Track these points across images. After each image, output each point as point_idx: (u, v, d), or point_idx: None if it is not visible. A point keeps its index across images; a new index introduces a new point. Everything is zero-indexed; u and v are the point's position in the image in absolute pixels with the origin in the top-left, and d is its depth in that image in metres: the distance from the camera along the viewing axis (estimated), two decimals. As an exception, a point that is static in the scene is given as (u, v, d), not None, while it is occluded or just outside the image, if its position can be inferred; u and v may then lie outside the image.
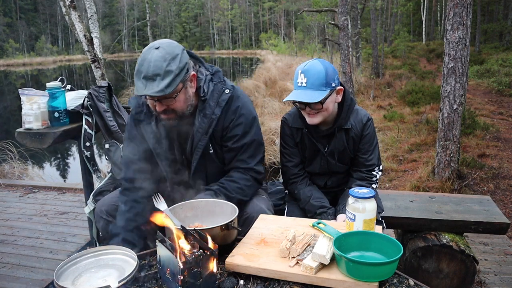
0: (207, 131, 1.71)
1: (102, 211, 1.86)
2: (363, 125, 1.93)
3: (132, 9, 71.00)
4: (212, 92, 1.71)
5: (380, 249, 1.23)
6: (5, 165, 5.70)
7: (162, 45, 1.55)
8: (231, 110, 1.74)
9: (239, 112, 1.74)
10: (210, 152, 1.77)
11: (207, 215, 1.55)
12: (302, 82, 1.76)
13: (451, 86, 4.39)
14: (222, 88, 1.73)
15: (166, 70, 1.50)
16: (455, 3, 4.23)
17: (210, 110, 1.70)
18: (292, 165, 2.03)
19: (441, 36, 29.20)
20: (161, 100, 1.58)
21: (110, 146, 2.42)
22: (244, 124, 1.75)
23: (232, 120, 1.74)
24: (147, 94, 1.52)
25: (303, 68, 1.78)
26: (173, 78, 1.52)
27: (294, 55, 25.77)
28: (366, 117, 1.94)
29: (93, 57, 4.03)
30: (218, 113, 1.71)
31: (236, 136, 1.75)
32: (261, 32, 62.37)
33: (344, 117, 1.89)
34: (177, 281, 1.10)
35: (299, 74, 1.78)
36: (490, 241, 3.11)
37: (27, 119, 2.26)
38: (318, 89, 1.74)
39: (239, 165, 1.78)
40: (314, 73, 1.75)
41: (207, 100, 1.70)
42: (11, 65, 46.16)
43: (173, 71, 1.52)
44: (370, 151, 1.96)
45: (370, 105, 10.58)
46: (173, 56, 1.53)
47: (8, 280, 2.63)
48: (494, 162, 5.42)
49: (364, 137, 1.94)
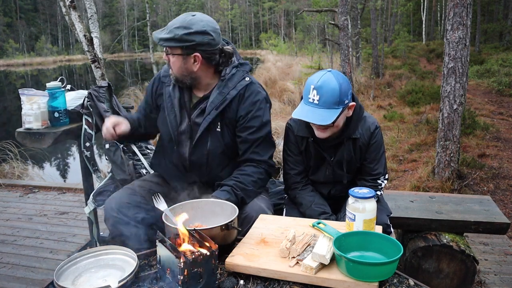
0: (219, 107, 1.79)
1: (113, 208, 1.82)
2: (370, 134, 1.88)
3: (132, 9, 71.00)
4: (232, 75, 1.82)
5: (380, 249, 1.23)
6: (5, 165, 5.70)
7: (197, 17, 1.71)
8: (251, 101, 1.81)
9: (259, 106, 1.82)
10: (217, 130, 1.82)
11: (207, 215, 1.55)
12: (314, 99, 1.66)
13: (451, 86, 4.39)
14: (243, 75, 1.83)
15: (172, 30, 1.68)
16: (455, 3, 4.23)
17: (226, 90, 1.80)
18: (295, 173, 1.99)
19: (441, 36, 29.20)
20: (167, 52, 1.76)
21: (110, 146, 2.41)
22: (262, 117, 1.82)
23: (250, 111, 1.80)
24: (153, 34, 1.75)
25: (316, 84, 1.66)
26: (171, 37, 1.68)
27: (294, 55, 25.74)
28: (374, 125, 1.89)
29: (93, 57, 4.03)
30: (234, 94, 1.79)
31: (252, 128, 1.81)
32: (261, 32, 62.35)
33: (353, 127, 1.83)
34: (177, 281, 1.10)
35: (311, 90, 1.67)
36: (490, 241, 3.11)
37: (27, 119, 2.25)
38: (330, 108, 1.65)
39: (253, 157, 1.82)
40: (327, 90, 1.64)
41: (226, 80, 1.81)
42: (11, 65, 46.13)
43: (177, 34, 1.68)
44: (376, 160, 1.91)
45: (370, 105, 10.58)
46: (189, 28, 1.67)
47: (8, 280, 2.63)
48: (494, 162, 5.43)
49: (371, 145, 1.89)
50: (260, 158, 1.83)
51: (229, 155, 1.87)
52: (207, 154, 1.83)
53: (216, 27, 1.73)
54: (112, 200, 1.86)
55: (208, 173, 1.86)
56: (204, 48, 1.71)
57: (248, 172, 1.80)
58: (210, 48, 1.72)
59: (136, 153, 2.51)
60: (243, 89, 1.81)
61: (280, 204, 2.17)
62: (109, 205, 1.84)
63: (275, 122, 8.19)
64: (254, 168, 1.82)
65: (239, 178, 1.77)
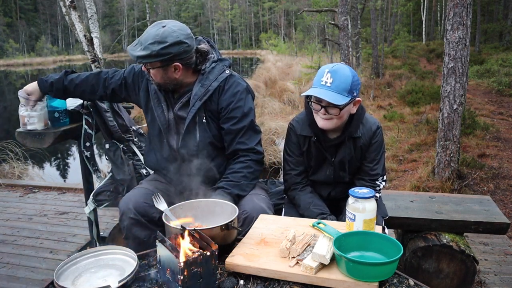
0: (202, 98, 1.84)
1: (130, 209, 1.78)
2: (372, 133, 1.88)
3: (132, 9, 71.00)
4: (212, 69, 1.88)
5: (380, 249, 1.23)
6: (5, 165, 5.71)
7: (168, 27, 1.72)
8: (231, 92, 1.86)
9: (239, 97, 1.86)
10: (203, 121, 1.87)
11: (207, 215, 1.55)
12: (327, 82, 1.69)
13: (451, 86, 4.39)
14: (223, 68, 1.90)
15: (147, 46, 1.69)
16: (455, 3, 4.23)
17: (208, 82, 1.85)
18: (296, 173, 1.99)
19: (441, 36, 29.20)
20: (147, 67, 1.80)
21: (110, 146, 2.42)
22: (243, 108, 1.87)
23: (231, 102, 1.85)
24: (128, 51, 1.76)
25: (331, 68, 1.71)
26: (148, 54, 1.69)
27: (294, 55, 25.74)
28: (375, 125, 1.89)
29: (93, 57, 4.03)
30: (215, 85, 1.85)
31: (235, 118, 1.85)
32: (261, 32, 62.33)
33: (355, 126, 1.84)
34: (177, 281, 1.10)
35: (325, 73, 1.71)
36: (490, 241, 3.11)
37: (31, 120, 2.24)
38: (341, 93, 1.68)
39: (240, 147, 1.86)
40: (341, 75, 1.68)
41: (206, 73, 1.87)
42: (11, 65, 46.14)
43: (153, 51, 1.69)
44: (376, 160, 1.91)
45: (370, 105, 10.59)
46: (164, 42, 1.68)
47: (8, 280, 2.63)
48: (494, 162, 5.43)
49: (372, 145, 1.89)
50: (246, 147, 1.86)
51: (218, 146, 1.92)
52: (197, 146, 1.87)
53: (188, 32, 1.77)
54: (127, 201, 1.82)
55: (199, 165, 1.88)
56: (182, 57, 1.76)
57: (236, 169, 1.84)
58: (187, 55, 1.77)
59: (136, 153, 2.52)
60: (223, 81, 1.86)
61: (280, 204, 2.17)
62: (125, 206, 1.80)
63: (275, 122, 8.18)
64: (241, 164, 1.85)
65: (229, 177, 1.82)
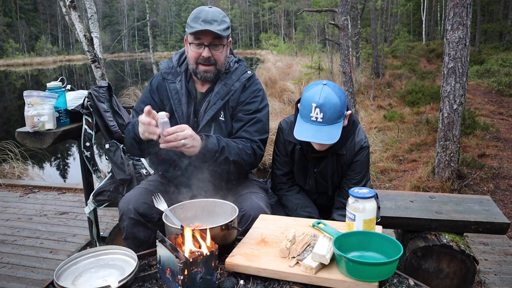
0: (224, 97, 1.86)
1: (130, 209, 1.77)
2: (354, 153, 1.82)
3: (132, 9, 70.99)
4: (235, 69, 1.92)
5: (380, 249, 1.23)
6: (5, 165, 5.71)
7: (214, 7, 1.81)
8: (251, 90, 1.91)
9: (257, 93, 1.91)
10: (220, 118, 1.86)
11: (207, 215, 1.55)
12: (318, 117, 1.63)
13: (451, 86, 4.39)
14: (245, 69, 1.95)
15: (222, 19, 1.77)
16: (455, 3, 4.23)
17: (230, 81, 1.88)
18: (282, 173, 1.98)
19: (441, 36, 29.20)
20: (211, 45, 1.78)
21: (110, 146, 2.42)
22: (259, 103, 1.90)
23: (249, 97, 1.89)
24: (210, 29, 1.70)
25: (318, 102, 1.63)
26: (227, 27, 1.78)
27: (294, 55, 25.74)
28: (359, 145, 1.82)
29: (93, 57, 4.03)
30: (237, 86, 1.88)
31: (249, 110, 1.87)
32: (261, 32, 62.33)
33: (340, 142, 1.75)
34: (177, 281, 1.10)
35: (313, 108, 1.63)
36: (490, 241, 3.11)
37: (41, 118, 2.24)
38: (334, 123, 1.64)
39: (244, 135, 1.85)
40: (330, 107, 1.62)
41: (230, 73, 1.90)
42: (11, 65, 46.12)
43: (227, 22, 1.79)
44: (356, 179, 1.84)
45: (370, 105, 10.58)
46: (225, 14, 1.80)
47: (8, 280, 2.63)
48: (494, 162, 5.42)
49: (353, 163, 1.83)
50: (251, 137, 1.84)
51: None
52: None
53: None
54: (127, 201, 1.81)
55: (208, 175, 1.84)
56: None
57: (236, 141, 1.81)
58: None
59: (136, 153, 2.51)
60: (246, 80, 1.90)
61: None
62: (125, 206, 1.78)
63: (274, 122, 8.17)
64: (243, 142, 1.82)
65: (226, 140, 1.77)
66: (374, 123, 8.39)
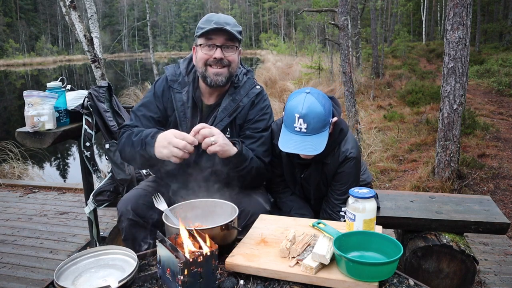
0: (231, 114, 1.80)
1: (128, 210, 1.74)
2: (338, 163, 1.77)
3: (132, 9, 71.01)
4: (244, 83, 1.86)
5: (380, 249, 1.23)
6: (5, 165, 5.71)
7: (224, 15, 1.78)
8: (260, 107, 1.86)
9: (266, 111, 1.88)
10: (226, 136, 1.76)
11: (207, 215, 1.55)
12: (302, 128, 1.59)
13: (451, 86, 4.39)
14: (253, 83, 1.89)
15: (235, 23, 1.74)
16: (455, 3, 4.23)
17: (239, 97, 1.82)
18: (274, 175, 1.97)
19: (441, 36, 29.20)
20: (224, 47, 1.71)
21: (110, 146, 2.42)
22: (267, 120, 1.88)
23: (258, 115, 1.85)
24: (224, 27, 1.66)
25: (301, 112, 1.59)
26: (239, 31, 1.74)
27: (294, 55, 25.74)
28: (343, 156, 1.75)
29: (93, 57, 4.03)
30: (246, 102, 1.82)
31: (258, 129, 1.84)
32: (261, 32, 62.35)
33: (325, 151, 1.68)
34: (177, 281, 1.10)
35: (296, 119, 1.59)
36: (490, 241, 3.11)
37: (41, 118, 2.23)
38: (319, 132, 1.60)
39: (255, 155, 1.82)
40: (314, 116, 1.58)
41: (239, 87, 1.84)
42: (11, 65, 46.12)
43: (239, 27, 1.76)
44: (340, 191, 1.79)
45: (370, 105, 10.58)
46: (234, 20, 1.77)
47: (8, 280, 2.63)
48: (494, 162, 5.42)
49: (337, 174, 1.79)
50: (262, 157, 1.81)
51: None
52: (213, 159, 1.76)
53: None
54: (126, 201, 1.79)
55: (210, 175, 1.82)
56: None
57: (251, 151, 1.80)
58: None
59: (136, 153, 2.51)
60: (254, 97, 1.85)
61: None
62: (124, 207, 1.77)
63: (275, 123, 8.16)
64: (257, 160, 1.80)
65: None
66: (374, 123, 8.39)
